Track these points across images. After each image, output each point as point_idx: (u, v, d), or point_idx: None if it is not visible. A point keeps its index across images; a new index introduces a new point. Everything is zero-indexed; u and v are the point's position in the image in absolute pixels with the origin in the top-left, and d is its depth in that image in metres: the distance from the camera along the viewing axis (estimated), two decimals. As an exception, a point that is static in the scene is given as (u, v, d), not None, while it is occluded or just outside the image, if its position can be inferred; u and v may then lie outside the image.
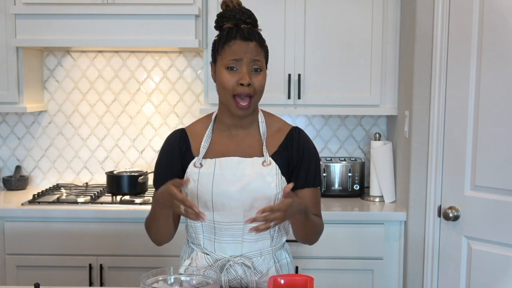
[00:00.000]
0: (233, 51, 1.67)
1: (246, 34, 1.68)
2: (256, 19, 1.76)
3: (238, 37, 1.68)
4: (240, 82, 1.66)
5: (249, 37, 1.68)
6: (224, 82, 1.68)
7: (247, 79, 1.66)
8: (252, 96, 1.69)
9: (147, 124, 3.39)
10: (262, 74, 1.71)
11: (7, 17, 2.96)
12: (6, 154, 3.41)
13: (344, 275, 2.82)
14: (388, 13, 2.96)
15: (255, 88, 1.69)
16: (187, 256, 1.83)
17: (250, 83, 1.66)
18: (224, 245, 1.74)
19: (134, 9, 2.87)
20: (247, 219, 1.69)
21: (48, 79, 3.37)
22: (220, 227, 1.73)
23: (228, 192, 1.70)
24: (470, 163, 2.47)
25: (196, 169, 1.73)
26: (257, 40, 1.70)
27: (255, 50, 1.69)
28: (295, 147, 1.76)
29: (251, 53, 1.68)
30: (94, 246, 2.82)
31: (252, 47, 1.68)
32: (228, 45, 1.68)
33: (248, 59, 1.67)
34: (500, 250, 2.39)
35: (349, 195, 3.13)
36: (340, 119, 3.36)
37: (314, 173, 1.77)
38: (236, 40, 1.67)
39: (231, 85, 1.67)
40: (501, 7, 2.32)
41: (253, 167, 1.71)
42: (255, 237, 1.73)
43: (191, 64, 3.34)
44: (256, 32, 1.73)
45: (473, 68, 2.43)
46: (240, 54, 1.67)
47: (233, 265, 1.72)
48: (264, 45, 1.74)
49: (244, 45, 1.67)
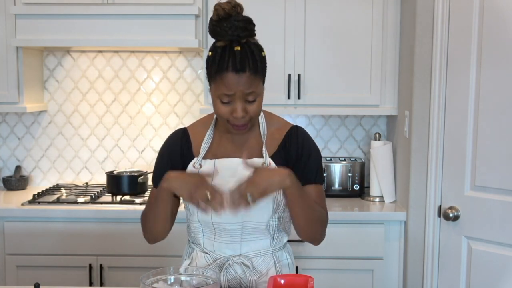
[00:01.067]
0: (225, 85, 1.59)
1: (239, 65, 1.57)
2: (252, 28, 1.63)
3: (230, 69, 1.58)
4: (233, 115, 1.63)
5: (242, 68, 1.57)
6: (218, 112, 1.66)
7: (240, 113, 1.62)
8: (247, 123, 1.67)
9: (147, 124, 3.39)
10: (257, 102, 1.65)
11: (7, 17, 2.96)
12: (6, 154, 3.41)
13: (344, 275, 2.82)
14: (388, 13, 2.96)
15: (250, 116, 1.65)
16: (188, 255, 1.84)
17: (243, 115, 1.63)
18: (223, 245, 1.74)
19: (134, 9, 2.87)
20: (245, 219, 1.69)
21: (48, 79, 3.37)
22: (219, 227, 1.73)
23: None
24: (470, 163, 2.47)
25: (195, 170, 1.73)
26: (251, 69, 1.59)
27: (248, 82, 1.59)
28: (293, 145, 1.75)
29: (244, 86, 1.59)
30: (94, 246, 2.82)
31: (245, 79, 1.59)
32: (220, 77, 1.60)
33: (241, 93, 1.60)
34: (500, 250, 2.39)
35: (349, 195, 3.13)
36: (340, 119, 3.36)
37: (314, 170, 1.75)
38: (227, 73, 1.58)
39: (225, 115, 1.64)
40: (501, 7, 2.32)
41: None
42: (254, 237, 1.73)
43: (191, 64, 3.35)
44: (250, 55, 1.60)
45: (473, 68, 2.43)
46: (233, 89, 1.59)
47: (232, 264, 1.73)
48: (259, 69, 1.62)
49: (236, 78, 1.58)
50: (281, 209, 1.73)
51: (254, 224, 1.71)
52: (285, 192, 1.63)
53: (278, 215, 1.73)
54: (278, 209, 1.72)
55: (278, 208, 1.72)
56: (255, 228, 1.72)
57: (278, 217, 1.74)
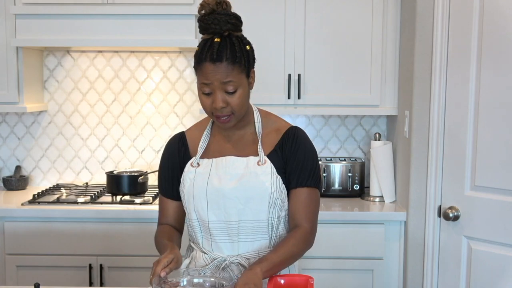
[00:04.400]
0: (203, 75, 1.63)
1: (215, 55, 1.60)
2: (236, 23, 1.67)
3: (208, 59, 1.61)
4: (213, 107, 1.65)
5: (219, 57, 1.60)
6: (202, 105, 1.69)
7: (219, 104, 1.64)
8: (230, 114, 1.68)
9: (147, 124, 3.39)
10: (238, 93, 1.65)
11: (7, 17, 2.96)
12: (6, 154, 3.41)
13: (344, 275, 2.82)
14: (388, 13, 2.96)
15: (232, 108, 1.66)
16: (188, 255, 1.85)
17: (223, 106, 1.64)
18: (221, 245, 1.75)
19: (134, 9, 2.88)
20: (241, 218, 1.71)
21: (48, 79, 3.37)
22: (215, 227, 1.73)
23: (222, 190, 1.70)
24: (470, 163, 2.47)
25: (193, 168, 1.75)
26: (228, 59, 1.61)
27: (225, 71, 1.61)
28: (289, 146, 1.75)
29: (221, 75, 1.61)
30: (94, 246, 2.82)
31: (222, 69, 1.61)
32: (200, 68, 1.64)
33: (218, 83, 1.63)
34: (500, 250, 2.39)
35: (349, 195, 3.13)
36: (340, 119, 3.36)
37: (308, 172, 1.74)
38: (205, 63, 1.62)
39: (208, 108, 1.68)
40: (501, 7, 2.32)
41: (248, 166, 1.71)
42: (252, 237, 1.73)
43: (191, 64, 3.34)
44: (229, 46, 1.63)
45: (473, 68, 2.43)
46: (210, 78, 1.62)
47: (229, 264, 1.73)
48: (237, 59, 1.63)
49: (213, 68, 1.61)
50: (278, 207, 1.72)
51: (251, 223, 1.72)
52: None
53: (277, 214, 1.73)
54: (274, 206, 1.72)
55: (274, 206, 1.71)
56: (253, 227, 1.72)
57: (277, 216, 1.74)
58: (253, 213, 1.70)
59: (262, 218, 1.72)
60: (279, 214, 1.74)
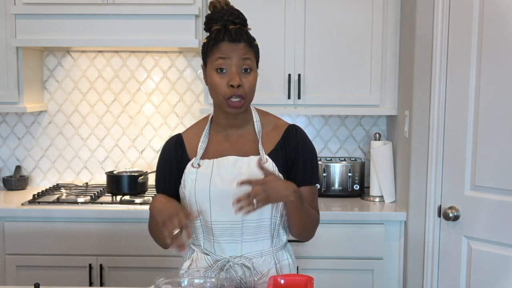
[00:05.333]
0: (221, 51, 1.66)
1: (234, 35, 1.65)
2: (245, 18, 1.74)
3: (226, 39, 1.66)
4: (230, 83, 1.65)
5: (237, 38, 1.65)
6: (215, 85, 1.67)
7: (237, 80, 1.64)
8: (243, 97, 1.68)
9: (147, 124, 3.39)
10: (252, 75, 1.69)
11: (7, 17, 2.96)
12: (6, 154, 3.41)
13: (344, 275, 2.82)
14: (388, 13, 2.96)
15: (245, 90, 1.67)
16: (188, 257, 1.83)
17: (240, 84, 1.65)
18: (224, 245, 1.74)
19: (134, 9, 2.88)
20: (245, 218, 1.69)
21: (48, 79, 3.37)
22: (218, 227, 1.73)
23: (225, 191, 1.70)
24: (470, 163, 2.47)
25: (194, 169, 1.74)
26: (246, 41, 1.68)
27: (243, 49, 1.66)
28: (292, 145, 1.76)
29: (240, 53, 1.66)
30: (94, 246, 2.82)
31: (241, 47, 1.66)
32: (217, 47, 1.66)
33: (237, 59, 1.65)
34: (500, 250, 2.39)
35: (349, 195, 3.13)
36: (340, 119, 3.36)
37: (310, 171, 1.77)
38: (224, 42, 1.66)
39: (221, 87, 1.66)
40: (501, 7, 2.32)
41: (250, 165, 1.71)
42: (255, 237, 1.73)
43: (191, 64, 3.35)
44: (245, 32, 1.70)
45: (473, 68, 2.43)
46: (228, 54, 1.65)
47: (232, 265, 1.72)
48: (254, 44, 1.71)
49: (232, 46, 1.65)
50: (281, 205, 1.74)
51: (255, 223, 1.72)
52: (285, 204, 1.67)
53: (280, 213, 1.74)
54: (277, 205, 1.73)
55: (277, 205, 1.72)
56: (256, 227, 1.72)
57: (280, 215, 1.75)
58: (256, 213, 1.70)
59: (265, 218, 1.72)
60: (281, 213, 1.75)
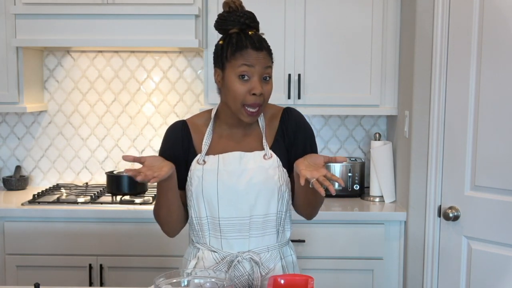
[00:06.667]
0: (245, 59, 1.67)
1: (257, 43, 1.68)
2: (258, 22, 1.76)
3: (250, 46, 1.67)
4: (252, 92, 1.66)
5: (260, 47, 1.68)
6: (236, 91, 1.68)
7: (260, 89, 1.66)
8: (261, 105, 1.70)
9: (147, 124, 3.39)
10: (270, 83, 1.72)
11: (7, 17, 2.96)
12: (6, 154, 3.41)
13: (344, 275, 2.82)
14: (388, 13, 2.96)
15: (264, 98, 1.70)
16: (193, 256, 1.81)
17: (262, 92, 1.67)
18: (232, 241, 1.74)
19: (134, 9, 2.87)
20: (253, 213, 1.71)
21: (48, 79, 3.37)
22: (226, 223, 1.73)
23: (233, 187, 1.71)
24: (470, 163, 2.47)
25: (200, 166, 1.74)
26: (266, 49, 1.71)
27: (265, 58, 1.69)
28: (289, 128, 1.79)
29: (263, 62, 1.68)
30: (94, 246, 2.82)
31: (263, 56, 1.68)
32: (240, 54, 1.67)
33: (260, 67, 1.67)
34: (500, 250, 2.39)
35: (349, 195, 3.13)
36: (340, 119, 3.36)
37: (310, 146, 1.80)
38: (248, 49, 1.67)
39: (242, 94, 1.68)
40: (501, 7, 2.32)
41: (255, 160, 1.73)
42: (262, 232, 1.74)
43: (191, 64, 3.35)
44: (264, 40, 1.72)
45: (473, 68, 2.43)
46: (253, 62, 1.67)
47: (241, 261, 1.73)
48: (271, 53, 1.74)
49: (256, 54, 1.67)
50: (286, 200, 1.76)
51: (262, 218, 1.72)
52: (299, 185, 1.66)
53: (285, 207, 1.76)
54: (283, 199, 1.74)
55: (283, 198, 1.74)
56: (264, 222, 1.73)
57: (285, 210, 1.77)
58: (264, 207, 1.72)
59: (272, 213, 1.73)
60: (286, 207, 1.77)
